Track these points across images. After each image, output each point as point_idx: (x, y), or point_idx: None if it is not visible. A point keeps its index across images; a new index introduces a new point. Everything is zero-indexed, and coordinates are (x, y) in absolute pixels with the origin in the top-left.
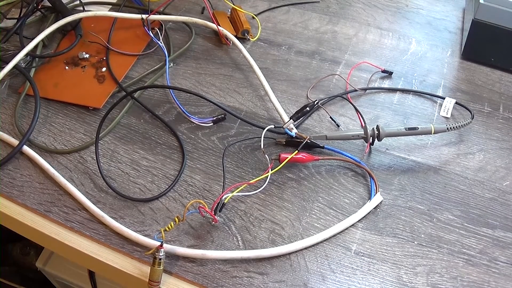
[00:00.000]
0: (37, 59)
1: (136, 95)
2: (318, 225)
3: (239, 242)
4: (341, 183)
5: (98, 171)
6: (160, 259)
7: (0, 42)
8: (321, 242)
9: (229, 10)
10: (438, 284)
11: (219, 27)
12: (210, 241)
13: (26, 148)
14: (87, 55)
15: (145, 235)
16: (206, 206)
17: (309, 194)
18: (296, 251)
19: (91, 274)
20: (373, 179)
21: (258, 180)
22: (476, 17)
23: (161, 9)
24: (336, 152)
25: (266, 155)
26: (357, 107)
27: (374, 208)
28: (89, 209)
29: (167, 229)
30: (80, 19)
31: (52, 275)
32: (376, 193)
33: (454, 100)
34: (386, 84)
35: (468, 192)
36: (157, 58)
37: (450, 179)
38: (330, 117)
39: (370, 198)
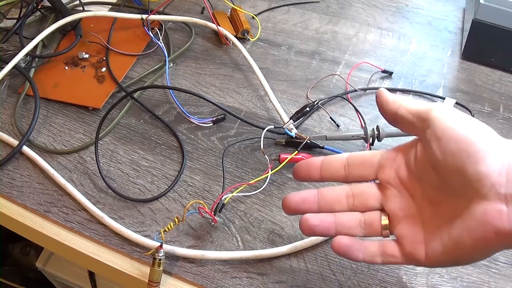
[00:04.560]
0: (36, 59)
1: (136, 95)
2: None
3: (239, 243)
4: (341, 183)
5: (98, 171)
6: (159, 259)
7: (0, 42)
8: (321, 242)
9: (229, 10)
10: (438, 285)
11: (219, 27)
12: (210, 242)
13: (25, 149)
14: (87, 55)
15: (145, 236)
16: (206, 207)
17: None
18: (296, 252)
19: (91, 274)
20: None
21: (258, 180)
22: (476, 17)
23: (161, 9)
24: (336, 153)
25: (266, 156)
26: (357, 107)
27: None
28: (88, 209)
29: (166, 229)
30: (80, 19)
31: (52, 275)
32: None
33: (454, 100)
34: (386, 84)
35: None
36: (157, 58)
37: None
38: (330, 117)
39: None
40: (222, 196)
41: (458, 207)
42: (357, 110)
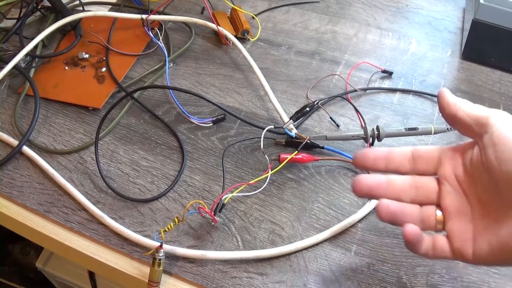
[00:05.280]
0: (36, 59)
1: (136, 95)
2: (318, 226)
3: (239, 243)
4: (341, 183)
5: (98, 171)
6: (159, 259)
7: (0, 42)
8: (321, 242)
9: (229, 10)
10: (438, 285)
11: (219, 27)
12: (210, 242)
13: (25, 149)
14: (87, 55)
15: (145, 236)
16: (206, 207)
17: (309, 194)
18: (295, 252)
19: (91, 274)
20: None
21: (258, 180)
22: (476, 17)
23: (161, 9)
24: (336, 153)
25: (265, 156)
26: (357, 107)
27: (374, 209)
28: (88, 209)
29: (166, 229)
30: (80, 19)
31: (52, 275)
32: None
33: None
34: (386, 84)
35: None
36: (157, 58)
37: None
38: (330, 117)
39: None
40: (222, 196)
41: (507, 211)
42: (357, 110)
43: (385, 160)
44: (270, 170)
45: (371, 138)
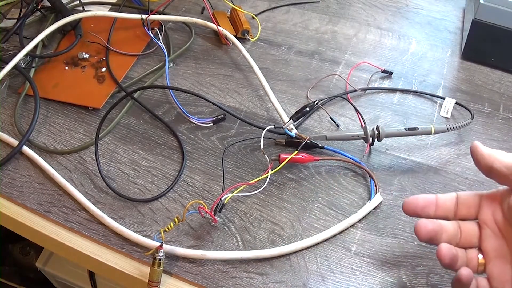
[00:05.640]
0: (36, 59)
1: (136, 95)
2: (318, 226)
3: (239, 243)
4: (341, 183)
5: (98, 171)
6: (159, 259)
7: (0, 42)
8: (320, 242)
9: (229, 10)
10: (438, 285)
11: (219, 27)
12: (210, 242)
13: (25, 149)
14: (87, 55)
15: (145, 236)
16: (206, 207)
17: (309, 194)
18: (295, 252)
19: (91, 274)
20: (373, 179)
21: (258, 180)
22: (476, 17)
23: (161, 9)
24: (336, 153)
25: (265, 156)
26: (357, 107)
27: (374, 209)
28: (88, 209)
29: (166, 229)
30: (80, 19)
31: (52, 275)
32: (376, 193)
33: (454, 100)
34: (386, 84)
35: None
36: (157, 58)
37: (450, 179)
38: (330, 117)
39: (370, 199)
40: (222, 196)
41: None
42: (357, 110)
43: (435, 207)
44: (270, 170)
45: (371, 138)
